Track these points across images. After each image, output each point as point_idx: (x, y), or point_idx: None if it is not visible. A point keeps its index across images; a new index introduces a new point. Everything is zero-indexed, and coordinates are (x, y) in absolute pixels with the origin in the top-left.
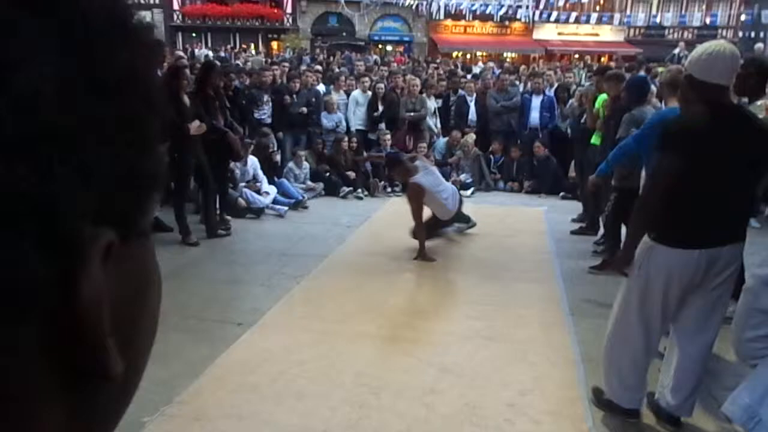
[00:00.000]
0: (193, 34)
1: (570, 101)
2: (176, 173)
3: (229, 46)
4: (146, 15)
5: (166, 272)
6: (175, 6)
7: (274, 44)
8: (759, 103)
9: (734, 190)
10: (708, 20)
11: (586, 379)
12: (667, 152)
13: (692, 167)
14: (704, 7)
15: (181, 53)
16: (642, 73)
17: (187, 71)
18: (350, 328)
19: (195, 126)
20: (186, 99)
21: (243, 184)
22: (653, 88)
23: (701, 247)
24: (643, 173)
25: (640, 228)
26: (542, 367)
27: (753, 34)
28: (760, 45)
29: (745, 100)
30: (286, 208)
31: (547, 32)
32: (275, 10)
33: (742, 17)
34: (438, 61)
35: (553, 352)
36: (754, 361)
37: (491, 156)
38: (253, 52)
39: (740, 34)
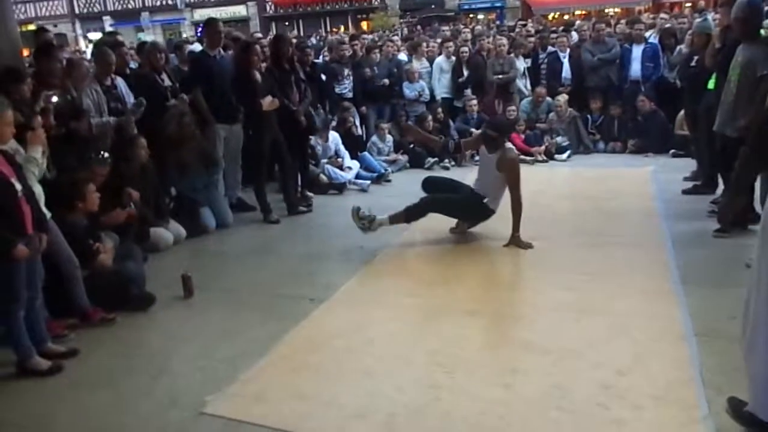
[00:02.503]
0: (286, 23)
1: (678, 47)
2: (252, 151)
3: (319, 31)
4: (241, 9)
5: (245, 250)
6: None
7: (364, 24)
8: None
9: None
10: None
11: (700, 357)
12: None
13: None
14: None
15: (259, 34)
16: None
17: (257, 48)
18: (426, 302)
19: (267, 101)
20: (257, 75)
21: (325, 160)
22: None
23: None
24: None
25: (751, 170)
26: (645, 343)
27: None
28: None
29: None
30: (368, 182)
31: None
32: None
33: None
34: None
35: (659, 326)
36: None
37: (588, 116)
38: (343, 35)
39: None
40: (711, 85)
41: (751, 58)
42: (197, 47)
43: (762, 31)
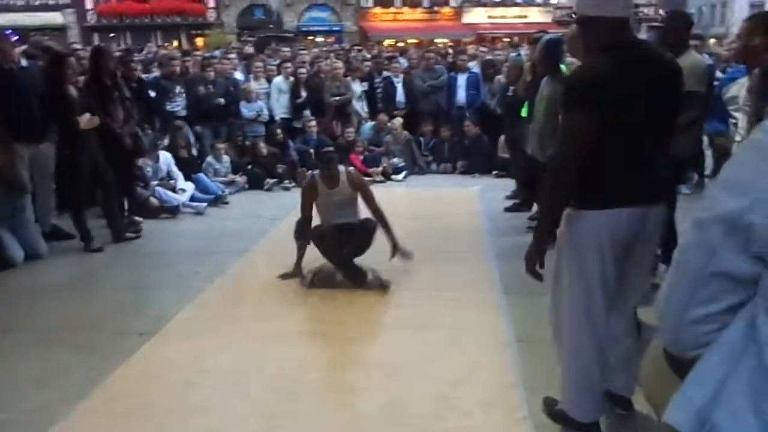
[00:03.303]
0: (111, 35)
1: (497, 77)
2: (69, 173)
3: (149, 45)
4: (56, 17)
5: (62, 284)
6: (89, 5)
7: (199, 40)
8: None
9: (654, 138)
10: None
11: (521, 362)
12: (573, 110)
13: (604, 120)
14: None
15: (78, 45)
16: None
17: (73, 60)
18: (266, 327)
19: (85, 119)
20: (73, 90)
21: (155, 182)
22: None
23: (628, 206)
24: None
25: (557, 205)
26: (475, 353)
27: None
28: None
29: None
30: (204, 204)
31: (476, 16)
32: (197, 5)
33: None
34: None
35: (487, 336)
36: (698, 351)
37: (421, 138)
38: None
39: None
40: (524, 113)
41: (553, 93)
42: None
43: (563, 67)
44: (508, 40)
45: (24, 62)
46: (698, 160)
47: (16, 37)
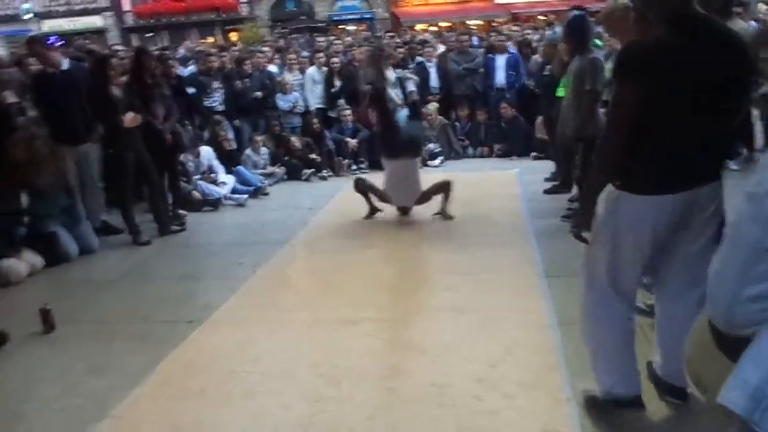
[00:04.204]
0: (149, 34)
1: (533, 57)
2: (115, 170)
3: (185, 43)
4: (96, 20)
5: (114, 276)
6: (126, 7)
7: (233, 35)
8: None
9: (709, 121)
10: None
11: (564, 344)
12: (624, 83)
13: (656, 97)
14: None
15: (118, 46)
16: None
17: (115, 61)
18: (310, 314)
19: (129, 118)
20: (116, 90)
21: (198, 176)
22: None
23: (674, 192)
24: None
25: (602, 177)
26: (515, 334)
27: None
28: None
29: None
30: (245, 196)
31: None
32: (230, 0)
33: None
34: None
35: (527, 318)
36: (752, 329)
37: (457, 122)
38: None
39: None
40: (560, 92)
41: (581, 69)
42: None
43: (598, 42)
44: (543, 18)
45: (65, 64)
46: (747, 134)
47: (60, 42)
